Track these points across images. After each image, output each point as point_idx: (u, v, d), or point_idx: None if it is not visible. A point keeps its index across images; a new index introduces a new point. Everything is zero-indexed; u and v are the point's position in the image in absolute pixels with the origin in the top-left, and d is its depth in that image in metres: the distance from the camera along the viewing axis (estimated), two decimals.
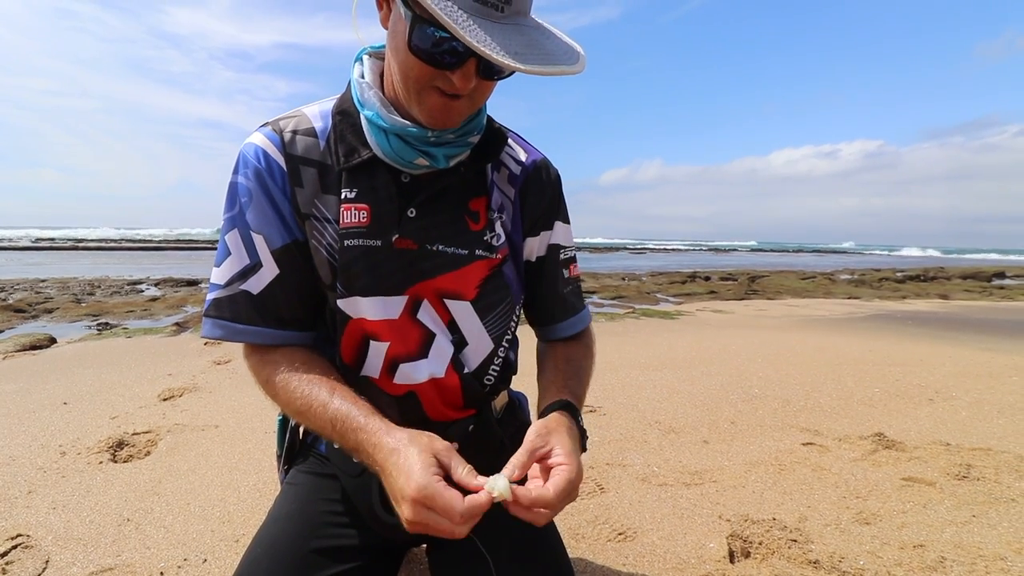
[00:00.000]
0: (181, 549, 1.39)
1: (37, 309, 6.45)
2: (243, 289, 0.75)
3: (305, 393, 0.72)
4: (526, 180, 0.85)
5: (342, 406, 0.69)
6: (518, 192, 0.85)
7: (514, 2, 0.61)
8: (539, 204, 0.87)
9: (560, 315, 0.92)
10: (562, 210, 0.92)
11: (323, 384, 0.73)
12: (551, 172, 0.89)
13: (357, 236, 0.75)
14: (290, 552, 0.76)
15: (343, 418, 0.68)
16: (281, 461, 0.95)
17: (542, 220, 0.88)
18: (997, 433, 2.25)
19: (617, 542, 1.43)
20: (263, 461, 1.97)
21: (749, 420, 2.44)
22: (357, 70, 0.78)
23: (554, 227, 0.90)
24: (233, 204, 0.76)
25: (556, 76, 0.63)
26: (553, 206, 0.89)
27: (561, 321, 0.92)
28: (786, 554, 1.33)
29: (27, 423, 2.38)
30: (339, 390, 0.72)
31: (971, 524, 1.50)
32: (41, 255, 19.36)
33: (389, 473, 0.63)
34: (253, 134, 0.78)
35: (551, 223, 0.89)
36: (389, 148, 0.73)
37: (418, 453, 0.61)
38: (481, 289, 0.80)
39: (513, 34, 0.61)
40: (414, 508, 0.58)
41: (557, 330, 0.92)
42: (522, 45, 0.60)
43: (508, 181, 0.84)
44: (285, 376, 0.74)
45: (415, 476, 0.59)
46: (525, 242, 0.87)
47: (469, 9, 0.58)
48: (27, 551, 1.37)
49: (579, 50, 0.68)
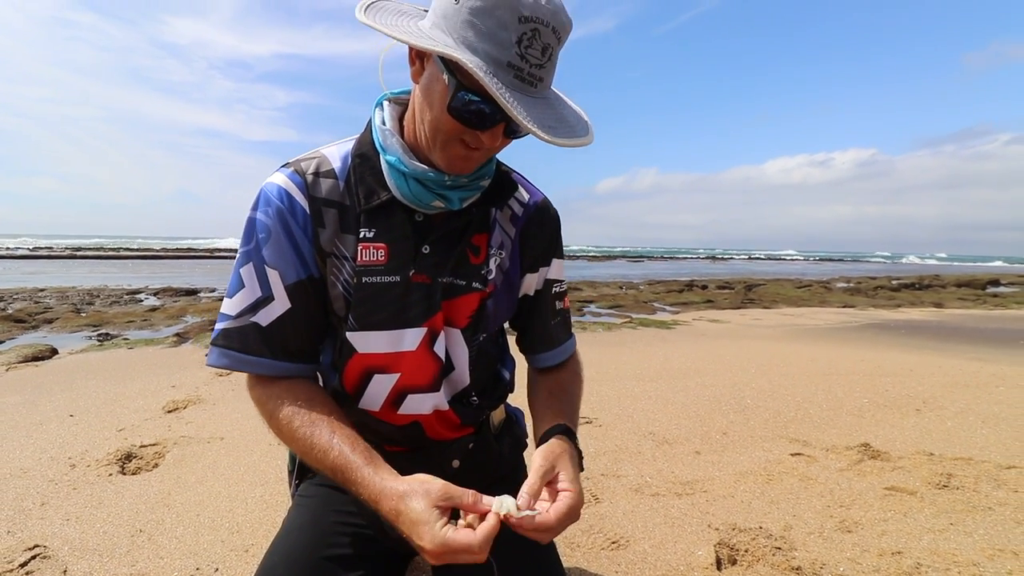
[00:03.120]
0: (193, 559, 1.45)
1: (37, 319, 6.49)
2: (253, 321, 0.79)
3: (307, 435, 0.75)
4: (527, 221, 0.92)
5: (339, 457, 0.72)
6: (519, 231, 0.91)
7: (544, 80, 0.69)
8: (539, 244, 0.93)
9: (548, 346, 0.98)
10: (558, 248, 0.98)
11: (324, 425, 0.76)
12: (551, 213, 0.96)
13: (375, 273, 0.80)
14: (305, 560, 0.82)
15: (342, 469, 0.72)
16: (293, 475, 1.02)
17: (541, 258, 0.94)
18: (979, 443, 2.32)
19: (610, 550, 1.50)
20: (268, 473, 2.03)
21: (741, 431, 2.50)
22: (378, 115, 0.83)
23: (551, 264, 0.97)
24: (250, 239, 0.81)
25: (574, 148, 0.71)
26: (552, 245, 0.96)
27: (552, 349, 0.98)
28: (770, 561, 1.40)
29: (35, 436, 2.44)
30: (339, 432, 0.75)
31: (948, 532, 1.57)
32: (39, 263, 19.39)
33: (401, 524, 0.66)
34: (275, 174, 0.83)
35: (549, 260, 0.96)
36: (408, 191, 0.79)
37: (422, 508, 0.65)
38: (471, 319, 0.87)
39: (545, 108, 0.69)
40: (436, 558, 0.64)
41: (544, 359, 0.98)
42: (553, 119, 0.68)
43: (510, 220, 0.91)
44: (288, 413, 0.78)
45: (426, 535, 0.63)
46: (524, 278, 0.94)
47: (511, 85, 0.65)
48: (45, 561, 1.43)
49: (587, 119, 0.76)
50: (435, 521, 0.63)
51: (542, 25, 0.64)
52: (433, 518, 0.64)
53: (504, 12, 0.63)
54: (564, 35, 0.68)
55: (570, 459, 0.77)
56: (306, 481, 0.97)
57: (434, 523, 0.63)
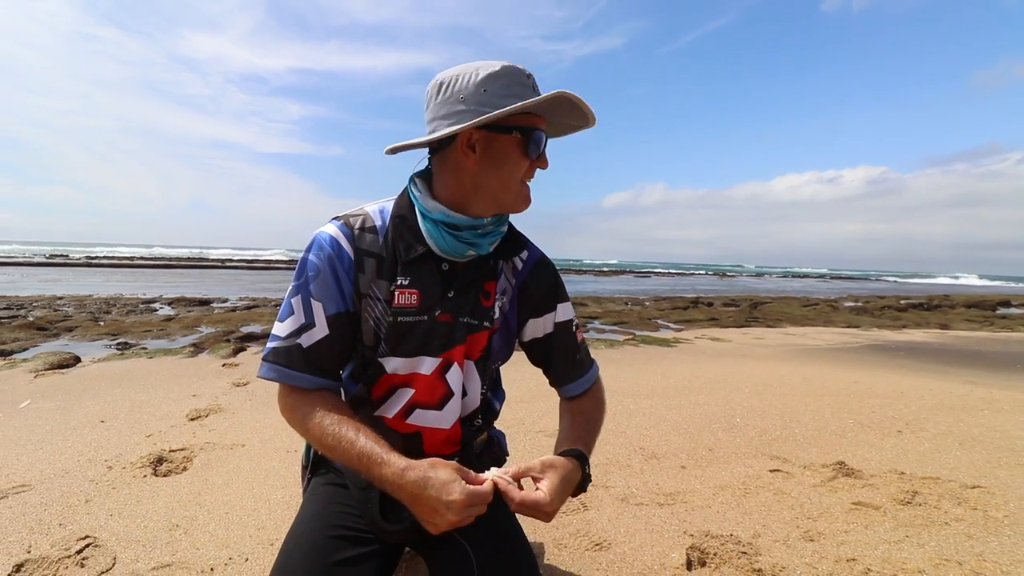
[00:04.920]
0: (226, 550, 1.65)
1: (58, 327, 6.77)
2: (297, 343, 0.99)
3: (336, 432, 0.94)
4: (527, 276, 1.12)
5: (366, 446, 0.90)
6: (519, 283, 1.12)
7: None
8: (536, 293, 1.13)
9: (573, 376, 1.16)
10: (561, 293, 1.17)
11: (350, 425, 0.93)
12: (548, 268, 1.16)
13: (408, 314, 1.01)
14: (315, 542, 1.01)
15: (368, 455, 0.90)
16: (306, 471, 1.22)
17: (543, 305, 1.14)
18: (951, 464, 2.47)
19: (593, 551, 1.67)
20: (287, 477, 2.22)
21: (726, 448, 2.67)
22: (414, 187, 1.05)
23: (556, 308, 1.15)
24: (301, 275, 1.01)
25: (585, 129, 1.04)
26: (552, 293, 1.15)
27: (573, 381, 1.16)
28: (736, 564, 1.57)
29: (71, 439, 2.66)
30: (363, 431, 0.92)
31: (903, 543, 1.73)
32: (55, 271, 19.90)
33: (430, 488, 0.85)
34: (328, 224, 1.04)
35: (553, 306, 1.15)
36: (444, 244, 0.99)
37: (449, 472, 0.85)
38: (482, 352, 1.07)
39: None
40: (462, 512, 0.82)
41: (571, 389, 1.16)
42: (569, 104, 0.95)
43: (512, 272, 1.11)
44: (320, 416, 0.96)
45: (457, 489, 0.83)
46: (528, 322, 1.13)
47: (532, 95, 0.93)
48: (96, 550, 1.63)
49: None
50: (459, 480, 0.85)
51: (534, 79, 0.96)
52: (458, 478, 0.85)
53: (516, 75, 0.94)
54: None
55: (562, 474, 0.94)
56: (315, 479, 1.17)
57: (460, 481, 0.85)
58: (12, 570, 1.51)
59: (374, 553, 1.03)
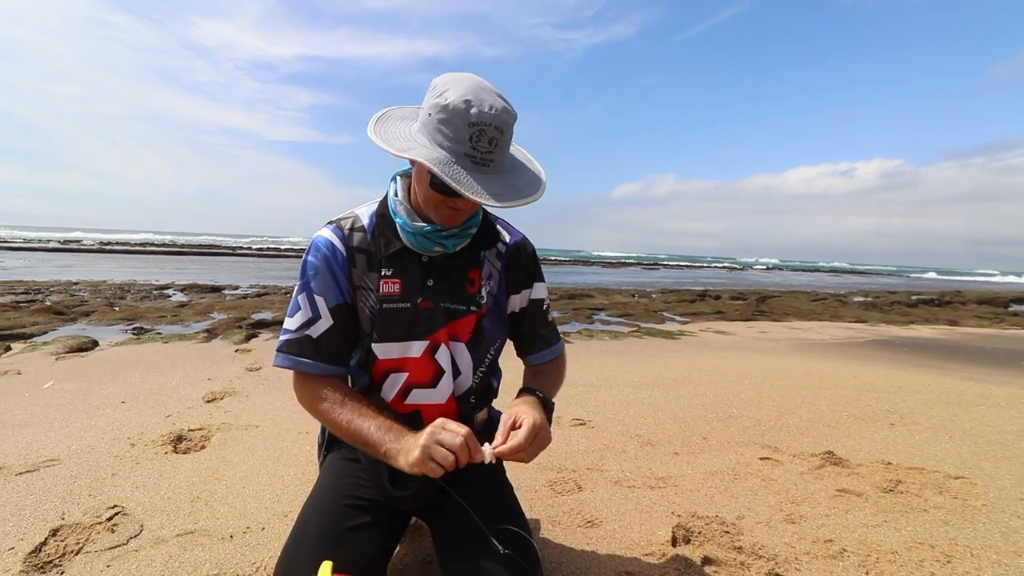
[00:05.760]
0: (244, 520, 1.77)
1: (75, 312, 6.97)
2: (307, 334, 1.13)
3: (344, 415, 1.08)
4: (509, 257, 1.24)
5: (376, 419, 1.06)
6: (503, 265, 1.23)
7: (495, 160, 0.99)
8: (518, 273, 1.25)
9: (538, 348, 1.31)
10: (538, 274, 1.30)
11: (357, 409, 1.08)
12: (527, 249, 1.27)
13: (392, 301, 1.13)
14: (330, 509, 1.13)
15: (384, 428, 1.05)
16: (322, 448, 1.34)
17: (522, 283, 1.26)
18: (938, 456, 2.54)
19: (585, 528, 1.78)
20: (300, 456, 2.35)
21: (720, 436, 2.76)
22: (392, 188, 1.16)
23: (533, 287, 1.28)
24: (304, 274, 1.15)
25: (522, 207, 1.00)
26: (530, 273, 1.27)
27: (539, 352, 1.31)
28: (718, 541, 1.67)
29: (95, 418, 2.80)
30: (366, 412, 1.08)
31: (880, 527, 1.81)
32: (69, 256, 20.29)
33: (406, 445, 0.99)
34: (323, 229, 1.16)
35: (531, 284, 1.28)
36: (415, 241, 1.11)
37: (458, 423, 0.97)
38: (472, 335, 1.18)
39: (496, 180, 0.99)
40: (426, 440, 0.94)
41: (536, 358, 1.31)
42: (501, 188, 0.98)
43: (496, 257, 1.22)
44: (330, 399, 1.11)
45: (463, 428, 0.96)
46: (510, 299, 1.26)
47: (469, 168, 0.96)
48: (125, 517, 1.76)
49: (542, 178, 1.06)
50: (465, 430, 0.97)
51: (485, 126, 0.94)
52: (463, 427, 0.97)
53: (458, 121, 0.94)
54: (507, 128, 0.98)
55: (526, 403, 1.09)
56: (330, 455, 1.29)
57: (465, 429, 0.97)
58: (49, 534, 1.64)
59: (383, 520, 1.15)
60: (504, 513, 1.14)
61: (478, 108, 0.93)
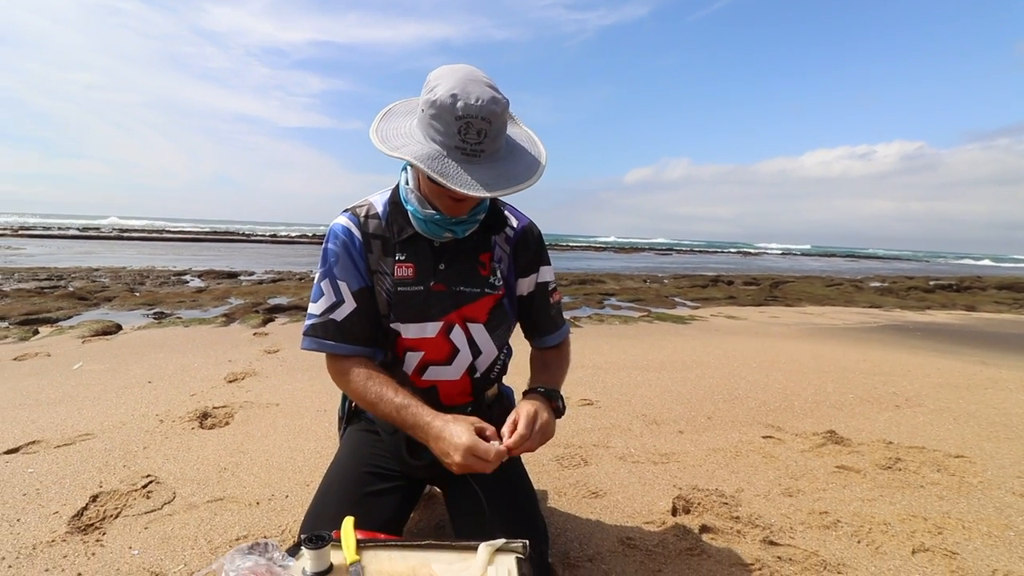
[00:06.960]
0: (268, 489, 1.89)
1: (97, 297, 7.19)
2: (331, 318, 1.18)
3: (375, 391, 1.14)
4: (517, 241, 1.30)
5: (405, 398, 1.10)
6: (512, 248, 1.29)
7: (487, 150, 1.02)
8: (526, 256, 1.31)
9: (546, 331, 1.36)
10: (544, 257, 1.36)
11: (387, 385, 1.13)
12: (534, 233, 1.33)
13: (406, 285, 1.19)
14: (350, 476, 1.22)
15: (404, 406, 1.10)
16: (342, 421, 1.43)
17: (530, 267, 1.32)
18: (940, 436, 2.59)
19: (590, 499, 1.87)
20: (318, 432, 2.46)
21: (724, 416, 2.83)
22: (403, 176, 1.21)
23: (540, 270, 1.34)
24: (325, 261, 1.21)
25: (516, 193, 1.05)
26: (537, 256, 1.33)
27: (547, 335, 1.36)
28: (716, 512, 1.75)
29: (124, 397, 2.94)
30: (398, 389, 1.12)
31: (876, 501, 1.88)
32: (89, 243, 20.72)
33: (442, 438, 1.04)
34: (340, 216, 1.23)
35: (537, 268, 1.33)
36: (426, 228, 1.17)
37: (463, 426, 1.03)
38: (490, 315, 1.25)
39: (488, 170, 1.01)
40: (464, 455, 1.00)
41: (544, 341, 1.37)
42: (492, 177, 1.01)
43: (505, 241, 1.29)
44: (360, 377, 1.16)
45: (464, 437, 1.01)
46: (518, 282, 1.32)
47: (460, 160, 1.00)
48: (159, 486, 1.88)
49: (541, 161, 1.10)
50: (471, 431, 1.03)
51: (472, 118, 0.97)
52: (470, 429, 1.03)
53: (446, 115, 0.98)
54: (495, 118, 0.99)
55: (528, 402, 1.14)
56: (350, 427, 1.38)
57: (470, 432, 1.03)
58: (89, 500, 1.77)
59: (400, 487, 1.24)
60: (512, 483, 1.23)
61: (464, 101, 0.96)
